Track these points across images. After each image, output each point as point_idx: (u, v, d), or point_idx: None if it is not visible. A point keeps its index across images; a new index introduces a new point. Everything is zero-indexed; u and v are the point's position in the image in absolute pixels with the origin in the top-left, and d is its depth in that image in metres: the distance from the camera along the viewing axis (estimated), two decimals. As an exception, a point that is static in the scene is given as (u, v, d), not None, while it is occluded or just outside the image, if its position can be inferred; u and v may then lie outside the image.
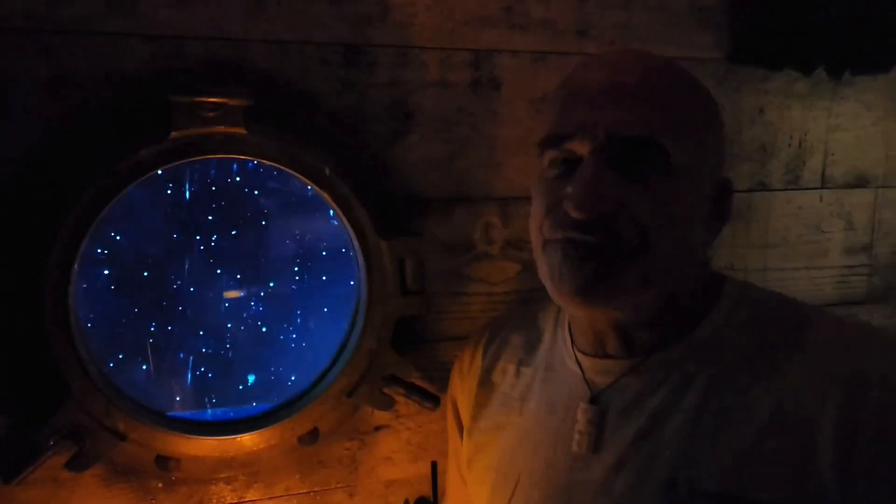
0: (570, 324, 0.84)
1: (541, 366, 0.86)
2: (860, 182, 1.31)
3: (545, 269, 0.73)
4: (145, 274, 1.22)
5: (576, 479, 0.74)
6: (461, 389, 0.96)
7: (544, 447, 0.79)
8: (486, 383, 0.91)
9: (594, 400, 0.76)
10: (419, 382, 1.07)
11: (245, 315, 1.31)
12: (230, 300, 1.31)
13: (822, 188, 1.29)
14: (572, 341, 0.82)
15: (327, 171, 0.97)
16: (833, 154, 1.28)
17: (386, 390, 1.04)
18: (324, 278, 1.32)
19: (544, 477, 0.78)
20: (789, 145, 1.25)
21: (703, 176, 0.72)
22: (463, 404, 0.95)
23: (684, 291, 0.74)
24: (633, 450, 0.71)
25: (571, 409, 0.78)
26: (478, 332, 0.99)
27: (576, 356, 0.81)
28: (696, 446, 0.68)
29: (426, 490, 1.05)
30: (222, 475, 1.00)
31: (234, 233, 1.26)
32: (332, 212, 1.02)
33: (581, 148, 0.69)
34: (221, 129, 0.90)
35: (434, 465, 0.72)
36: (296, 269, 1.32)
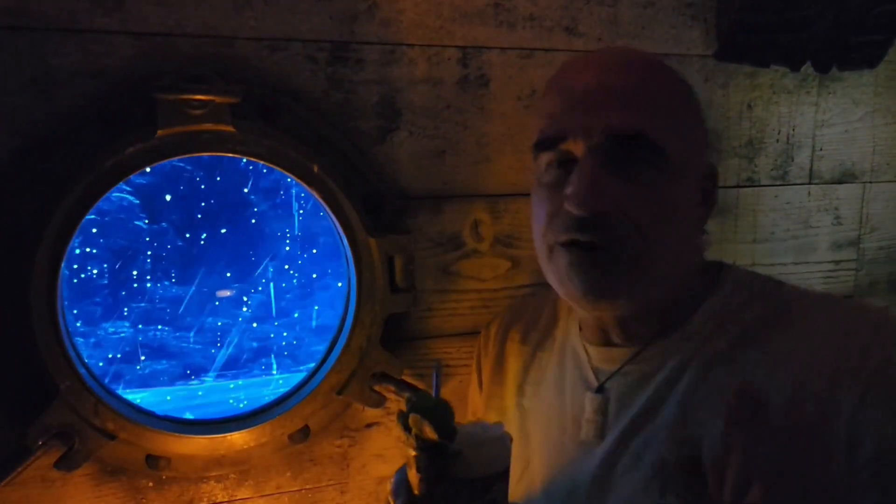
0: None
1: (555, 352, 0.89)
2: (848, 177, 1.32)
3: (554, 275, 0.76)
4: (134, 273, 1.22)
5: (582, 465, 0.78)
6: (482, 363, 1.01)
7: (554, 432, 0.83)
8: (500, 366, 0.95)
9: (599, 389, 0.79)
10: (409, 379, 1.07)
11: (236, 313, 1.30)
12: (222, 299, 1.30)
13: (809, 183, 1.30)
14: (580, 330, 0.85)
15: (316, 169, 0.96)
16: (821, 149, 1.29)
17: (376, 387, 1.04)
18: (314, 276, 1.31)
19: (553, 461, 0.81)
20: (777, 141, 1.26)
21: (692, 165, 0.74)
22: (482, 379, 1.00)
23: (683, 279, 0.77)
24: (632, 434, 0.75)
25: (578, 396, 0.81)
26: (499, 313, 1.03)
27: (584, 345, 0.84)
28: (688, 426, 0.71)
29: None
30: (213, 474, 1.00)
31: (223, 230, 1.25)
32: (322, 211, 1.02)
33: (576, 148, 0.71)
34: (209, 126, 0.90)
35: (437, 367, 0.77)
36: (286, 266, 1.31)
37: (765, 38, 1.16)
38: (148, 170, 0.91)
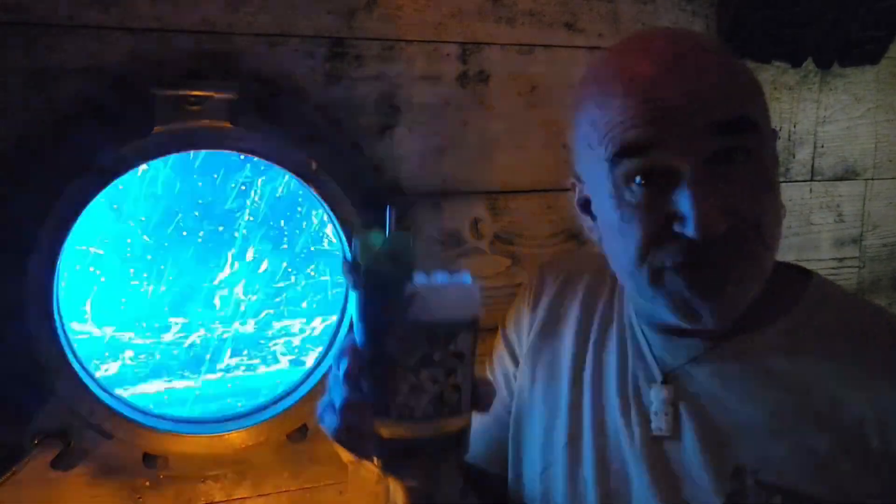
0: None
1: (615, 328, 0.84)
2: (849, 174, 1.31)
3: (665, 299, 0.69)
4: (131, 270, 1.21)
5: (649, 458, 0.74)
6: (521, 328, 0.95)
7: (611, 417, 0.79)
8: (549, 332, 0.90)
9: (666, 380, 0.75)
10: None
11: (204, 313, 1.29)
12: (189, 298, 1.29)
13: (811, 180, 1.29)
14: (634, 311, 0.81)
15: (314, 166, 0.96)
16: (822, 146, 1.28)
17: (376, 386, 1.03)
18: (312, 273, 1.31)
19: (610, 444, 0.78)
20: (778, 137, 1.25)
21: (770, 136, 0.71)
22: (520, 343, 0.95)
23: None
24: (703, 434, 0.71)
25: (642, 385, 0.77)
26: (543, 272, 0.96)
27: (642, 330, 0.80)
28: (764, 438, 0.68)
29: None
30: (211, 473, 0.99)
31: (220, 228, 1.25)
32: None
33: (677, 161, 0.64)
34: (206, 122, 0.89)
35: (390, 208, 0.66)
36: (284, 263, 1.30)
37: (766, 33, 1.15)
38: (146, 166, 0.90)
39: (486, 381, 0.65)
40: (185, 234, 1.21)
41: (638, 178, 0.66)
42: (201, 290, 1.25)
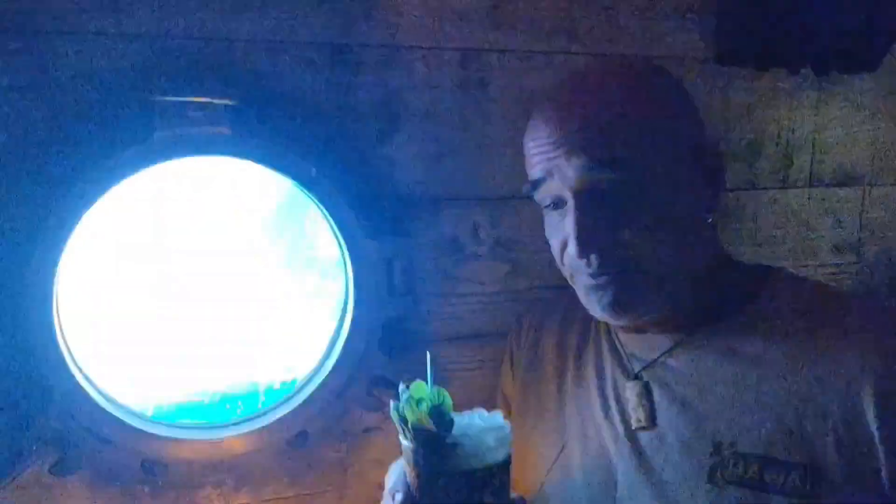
0: None
1: (591, 340, 0.92)
2: (848, 180, 1.32)
3: (581, 295, 0.81)
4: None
5: (633, 449, 0.79)
6: (515, 354, 1.04)
7: (595, 420, 0.85)
8: (532, 370, 0.98)
9: (638, 376, 0.82)
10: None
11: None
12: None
13: (809, 187, 1.29)
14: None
15: (314, 172, 0.96)
16: (821, 153, 1.29)
17: (375, 392, 1.03)
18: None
19: (593, 447, 0.84)
20: (777, 144, 1.26)
21: (675, 161, 0.76)
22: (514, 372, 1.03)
23: (715, 271, 0.81)
24: (681, 418, 0.77)
25: (618, 384, 0.84)
26: (521, 321, 1.06)
27: (615, 332, 0.88)
28: (738, 413, 0.73)
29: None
30: (210, 479, 0.99)
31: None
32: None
33: (563, 191, 0.76)
34: (206, 128, 0.89)
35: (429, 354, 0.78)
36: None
37: (764, 41, 1.16)
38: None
39: (519, 501, 0.76)
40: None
41: (547, 204, 0.80)
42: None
